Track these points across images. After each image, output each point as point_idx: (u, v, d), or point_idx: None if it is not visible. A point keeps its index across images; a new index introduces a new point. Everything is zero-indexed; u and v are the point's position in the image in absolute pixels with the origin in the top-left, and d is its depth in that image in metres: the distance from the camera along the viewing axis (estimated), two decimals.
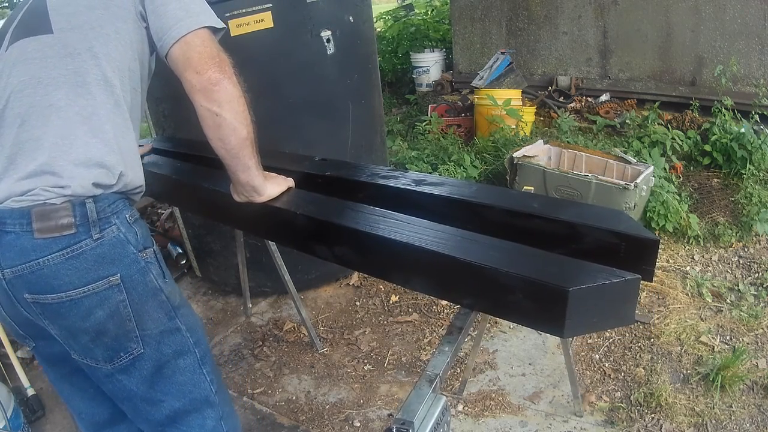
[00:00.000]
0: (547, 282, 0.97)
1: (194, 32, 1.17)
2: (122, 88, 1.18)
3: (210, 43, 1.18)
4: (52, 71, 1.13)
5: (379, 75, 2.97)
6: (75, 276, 1.10)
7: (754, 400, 2.05)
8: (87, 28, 1.16)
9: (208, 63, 1.16)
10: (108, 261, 1.12)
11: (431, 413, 0.96)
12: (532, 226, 1.24)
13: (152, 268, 1.20)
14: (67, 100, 1.12)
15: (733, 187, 3.25)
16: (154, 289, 1.19)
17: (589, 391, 2.15)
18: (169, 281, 1.24)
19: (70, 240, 1.08)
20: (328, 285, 2.97)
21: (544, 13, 4.68)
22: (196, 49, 1.16)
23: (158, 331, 1.21)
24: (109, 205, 1.14)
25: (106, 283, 1.12)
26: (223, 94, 1.17)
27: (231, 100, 1.18)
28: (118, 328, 1.16)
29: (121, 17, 1.19)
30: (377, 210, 1.31)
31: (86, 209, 1.09)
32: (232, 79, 1.19)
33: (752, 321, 2.41)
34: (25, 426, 2.11)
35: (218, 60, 1.17)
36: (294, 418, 2.19)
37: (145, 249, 1.19)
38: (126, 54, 1.19)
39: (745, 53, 3.74)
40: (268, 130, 2.43)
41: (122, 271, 1.14)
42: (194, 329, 1.29)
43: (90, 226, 1.10)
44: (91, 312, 1.12)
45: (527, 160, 3.10)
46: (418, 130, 4.24)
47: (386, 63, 6.25)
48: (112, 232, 1.13)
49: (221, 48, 1.21)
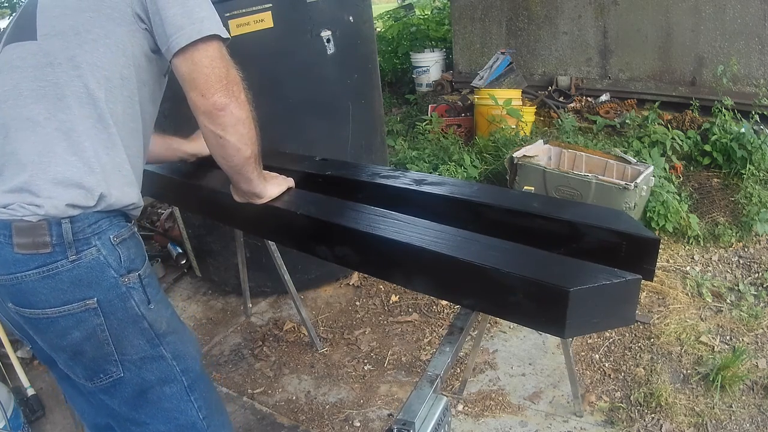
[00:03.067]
0: (548, 282, 0.97)
1: (200, 47, 1.08)
2: (108, 100, 1.10)
3: (218, 61, 1.10)
4: (32, 82, 1.07)
5: (379, 75, 2.97)
6: (51, 295, 1.06)
7: (754, 400, 2.05)
8: (71, 33, 1.08)
9: (215, 86, 1.09)
10: (85, 284, 1.07)
11: (432, 413, 0.96)
12: (533, 226, 1.24)
13: (134, 294, 1.12)
14: (46, 114, 1.06)
15: (733, 187, 3.25)
16: (135, 316, 1.13)
17: (589, 391, 2.15)
18: (155, 307, 1.17)
19: (46, 259, 1.04)
20: (328, 285, 2.97)
21: (544, 13, 4.68)
22: (203, 70, 1.09)
23: (138, 358, 1.15)
24: (89, 226, 1.07)
25: (83, 305, 1.07)
26: (228, 118, 1.12)
27: (236, 123, 1.14)
28: (95, 351, 1.11)
29: (113, 19, 1.09)
30: (377, 210, 1.31)
31: (62, 229, 1.04)
32: (239, 102, 1.13)
33: (752, 321, 2.41)
34: (25, 426, 2.11)
35: (226, 82, 1.10)
36: (294, 418, 2.19)
37: (129, 273, 1.12)
38: (117, 61, 1.10)
39: (745, 53, 3.74)
40: (268, 130, 2.43)
41: (99, 296, 1.08)
42: (182, 356, 1.22)
43: (66, 247, 1.05)
44: (68, 332, 1.09)
45: (527, 160, 3.10)
46: (419, 130, 4.24)
47: (386, 63, 6.25)
48: (90, 254, 1.07)
49: (230, 62, 1.13)
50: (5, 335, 2.34)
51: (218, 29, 1.11)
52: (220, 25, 1.12)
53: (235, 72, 1.14)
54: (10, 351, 2.33)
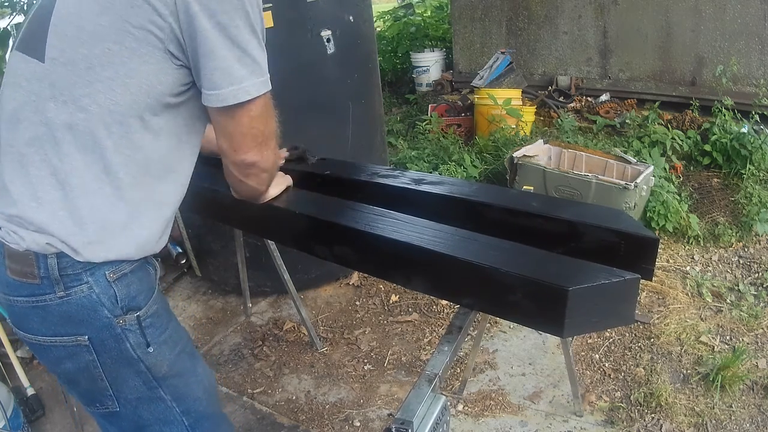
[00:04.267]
0: (547, 281, 0.97)
1: (243, 107, 0.97)
2: (119, 150, 0.95)
3: (258, 120, 1.00)
4: (32, 114, 0.94)
5: (379, 75, 2.97)
6: (42, 325, 0.99)
7: (754, 400, 2.05)
8: (83, 66, 0.91)
9: (249, 145, 1.02)
10: (75, 321, 0.98)
11: (431, 413, 0.96)
12: (532, 226, 1.24)
13: (130, 337, 1.02)
14: (42, 154, 0.94)
15: (733, 187, 3.25)
16: (131, 358, 1.03)
17: (589, 391, 2.15)
18: (156, 350, 1.05)
19: (35, 289, 0.97)
20: (328, 285, 2.97)
21: (544, 13, 4.68)
22: (240, 129, 1.00)
23: (134, 398, 1.07)
24: (79, 261, 0.97)
25: (74, 340, 0.99)
26: (253, 170, 1.08)
27: (260, 173, 1.11)
28: (89, 384, 1.05)
29: (139, 55, 0.91)
30: (377, 209, 1.31)
31: (48, 264, 0.95)
32: (267, 155, 1.07)
33: (752, 321, 2.41)
34: (24, 426, 2.11)
35: (261, 139, 1.03)
36: (294, 417, 2.19)
37: (126, 313, 1.01)
38: (138, 103, 0.94)
39: (745, 53, 3.74)
40: None
41: (91, 334, 0.99)
42: (183, 398, 1.12)
43: (53, 283, 0.96)
44: (61, 361, 1.03)
45: (527, 159, 3.10)
46: (419, 130, 4.24)
47: (386, 63, 6.25)
48: (81, 291, 0.97)
49: (271, 116, 1.04)
50: (5, 335, 2.34)
51: (259, 88, 0.98)
52: (263, 79, 1.00)
53: (273, 124, 1.06)
54: (10, 351, 2.33)
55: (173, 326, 1.12)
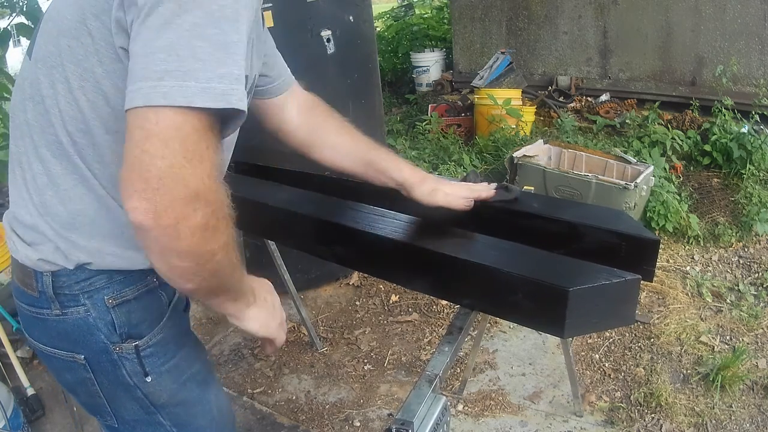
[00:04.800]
0: (547, 282, 0.97)
1: (141, 114, 0.65)
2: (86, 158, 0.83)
3: (161, 148, 0.64)
4: (21, 114, 0.87)
5: (379, 75, 2.97)
6: (42, 335, 0.95)
7: (754, 400, 2.05)
8: (49, 65, 0.80)
9: (134, 185, 0.65)
10: (72, 339, 0.92)
11: (431, 413, 0.96)
12: (532, 226, 1.24)
13: (127, 365, 0.93)
14: (26, 157, 0.87)
15: (733, 187, 3.25)
16: (127, 384, 0.96)
17: (589, 391, 2.15)
18: (155, 380, 0.96)
19: (34, 301, 0.92)
20: (328, 285, 2.97)
21: (544, 13, 4.68)
22: (130, 149, 0.65)
23: (132, 419, 1.01)
24: (76, 282, 0.88)
25: (71, 356, 0.94)
26: (148, 242, 0.69)
27: (163, 253, 0.70)
28: (88, 397, 1.00)
29: (93, 53, 0.76)
30: (377, 209, 1.31)
31: (43, 281, 0.89)
32: (174, 230, 0.66)
33: (752, 321, 2.41)
34: (24, 425, 2.11)
35: (156, 186, 0.64)
36: (294, 417, 2.19)
37: (124, 341, 0.92)
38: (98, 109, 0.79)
39: (745, 53, 3.74)
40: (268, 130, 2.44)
41: (87, 354, 0.93)
42: (185, 426, 1.04)
43: (49, 300, 0.90)
44: (61, 373, 1.00)
45: (527, 159, 3.10)
46: (419, 130, 4.24)
47: (386, 63, 6.26)
48: (77, 312, 0.90)
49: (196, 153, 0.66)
50: (5, 335, 2.34)
51: (186, 96, 0.64)
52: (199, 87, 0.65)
53: (194, 178, 0.65)
54: (10, 351, 2.33)
55: (184, 354, 1.02)
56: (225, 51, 0.68)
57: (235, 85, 0.68)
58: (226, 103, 0.67)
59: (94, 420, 1.40)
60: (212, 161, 0.68)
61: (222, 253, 0.75)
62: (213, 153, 0.69)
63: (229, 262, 0.78)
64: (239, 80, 0.68)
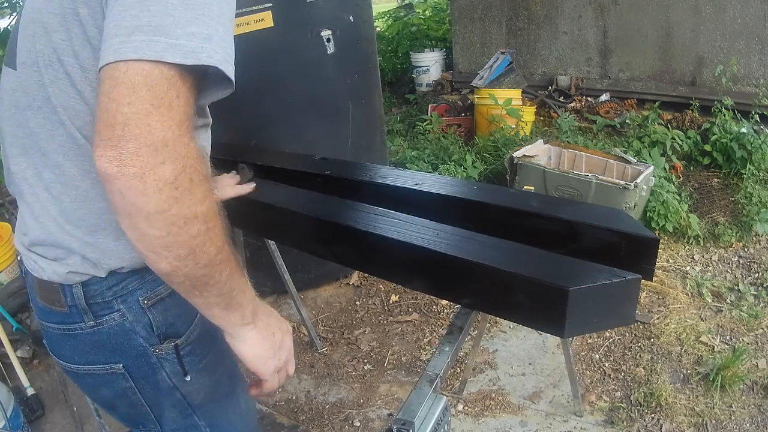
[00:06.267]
0: (548, 281, 0.97)
1: (112, 68, 0.64)
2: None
3: (126, 91, 0.62)
4: (15, 128, 0.83)
5: (379, 75, 2.97)
6: (74, 353, 0.92)
7: (754, 400, 2.05)
8: (42, 64, 0.78)
9: (102, 134, 0.63)
10: (108, 349, 0.90)
11: (432, 413, 0.96)
12: (533, 226, 1.24)
13: (166, 366, 0.93)
14: (33, 170, 0.83)
15: (733, 187, 3.25)
16: (168, 387, 0.95)
17: (589, 391, 2.15)
18: (194, 378, 0.96)
19: (64, 317, 0.89)
20: (328, 285, 2.97)
21: (544, 13, 4.68)
22: (100, 100, 0.64)
23: (170, 429, 1.01)
24: (108, 288, 0.87)
25: (108, 369, 0.92)
26: (115, 199, 0.65)
27: (131, 214, 0.66)
28: (128, 409, 0.98)
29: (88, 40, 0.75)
30: (377, 209, 1.31)
31: (73, 293, 0.86)
32: (141, 181, 0.63)
33: (752, 321, 2.41)
34: (24, 425, 2.11)
35: (120, 134, 0.62)
36: (294, 417, 2.19)
37: (163, 342, 0.91)
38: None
39: (745, 53, 3.74)
40: (268, 129, 2.45)
41: (126, 362, 0.91)
42: (217, 425, 1.05)
43: (82, 312, 0.88)
44: (97, 389, 0.97)
45: (527, 159, 3.10)
46: (419, 130, 4.24)
47: (386, 63, 6.26)
48: (113, 319, 0.88)
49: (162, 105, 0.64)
50: (5, 335, 2.34)
51: (156, 51, 0.63)
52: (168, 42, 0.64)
53: (162, 126, 0.63)
54: (10, 351, 2.33)
55: (216, 349, 1.00)
56: (198, 10, 0.67)
57: (205, 44, 0.67)
58: (195, 59, 0.66)
59: (94, 420, 1.40)
60: (183, 112, 0.66)
61: (200, 226, 0.68)
62: (184, 104, 0.66)
63: (212, 244, 0.71)
64: (209, 40, 0.68)
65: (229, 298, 0.79)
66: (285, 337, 0.93)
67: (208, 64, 0.67)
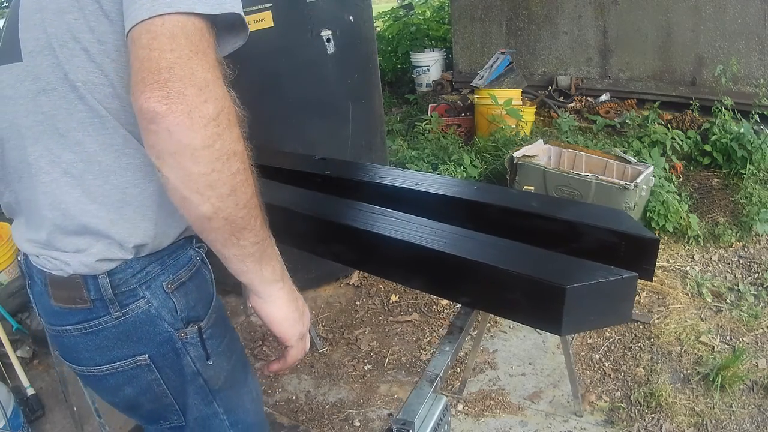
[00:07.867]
0: (545, 280, 0.97)
1: (148, 22, 0.69)
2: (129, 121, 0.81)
3: (166, 40, 0.68)
4: (27, 118, 0.83)
5: (379, 75, 2.97)
6: (96, 353, 0.92)
7: (754, 400, 2.05)
8: (56, 45, 0.79)
9: (147, 79, 0.68)
10: (133, 340, 0.91)
11: (432, 413, 0.96)
12: (533, 226, 1.24)
13: (191, 350, 0.94)
14: (49, 156, 0.83)
15: (733, 187, 3.25)
16: (192, 373, 0.96)
17: (589, 391, 2.15)
18: (215, 362, 0.98)
19: (86, 314, 0.88)
20: (328, 284, 2.97)
21: (544, 13, 4.69)
22: (138, 53, 0.69)
23: (192, 418, 1.02)
24: (133, 276, 0.88)
25: (133, 362, 0.92)
26: (161, 138, 0.69)
27: (177, 152, 0.69)
28: (152, 404, 0.99)
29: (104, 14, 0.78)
30: (376, 208, 1.31)
31: (99, 284, 0.86)
32: (190, 116, 0.68)
33: (752, 321, 2.41)
34: (24, 425, 2.11)
35: (167, 75, 0.67)
36: (294, 417, 2.19)
37: (187, 325, 0.92)
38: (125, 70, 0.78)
39: (745, 53, 3.74)
40: (268, 129, 2.45)
41: (151, 351, 0.92)
42: (234, 410, 1.06)
43: (107, 303, 0.88)
44: (119, 389, 0.97)
45: (527, 159, 3.10)
46: (418, 130, 4.24)
47: (386, 63, 6.26)
48: (138, 307, 0.89)
49: (198, 50, 0.70)
50: (5, 335, 2.34)
51: (188, 4, 0.70)
52: None
53: (202, 68, 0.70)
54: (10, 351, 2.33)
55: (230, 334, 1.05)
56: None
57: None
58: (222, 9, 0.73)
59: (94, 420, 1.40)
60: (215, 59, 0.73)
61: (239, 164, 0.74)
62: (214, 51, 0.73)
63: (248, 185, 0.77)
64: None
65: (263, 247, 0.84)
66: (304, 304, 0.99)
67: (233, 11, 0.74)
